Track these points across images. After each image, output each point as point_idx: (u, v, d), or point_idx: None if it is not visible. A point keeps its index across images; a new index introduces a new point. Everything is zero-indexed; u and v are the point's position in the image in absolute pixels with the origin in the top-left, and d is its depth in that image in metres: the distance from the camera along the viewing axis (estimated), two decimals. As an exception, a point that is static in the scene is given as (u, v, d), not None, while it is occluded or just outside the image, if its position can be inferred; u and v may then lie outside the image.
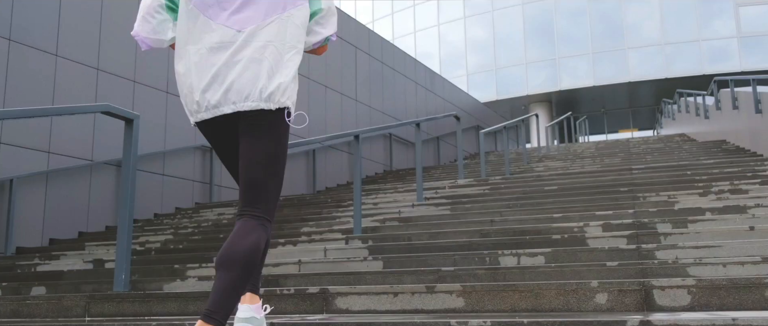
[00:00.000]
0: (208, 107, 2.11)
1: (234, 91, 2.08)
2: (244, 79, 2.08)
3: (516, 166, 12.64)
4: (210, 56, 2.12)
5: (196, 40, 2.15)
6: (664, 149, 12.74)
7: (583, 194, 6.59)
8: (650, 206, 5.66)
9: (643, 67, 27.55)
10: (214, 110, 2.11)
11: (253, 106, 2.08)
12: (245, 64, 2.09)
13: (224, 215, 8.62)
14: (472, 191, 7.74)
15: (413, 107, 17.26)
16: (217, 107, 2.10)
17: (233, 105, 2.08)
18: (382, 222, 6.42)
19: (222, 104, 2.09)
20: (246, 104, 2.07)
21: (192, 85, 2.15)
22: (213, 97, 2.10)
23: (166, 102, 10.08)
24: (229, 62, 2.10)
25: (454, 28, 31.37)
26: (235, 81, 2.08)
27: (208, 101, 2.11)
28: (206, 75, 2.12)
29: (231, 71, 2.09)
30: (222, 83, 2.10)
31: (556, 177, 8.17)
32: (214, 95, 2.10)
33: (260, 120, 2.09)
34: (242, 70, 2.09)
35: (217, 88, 2.10)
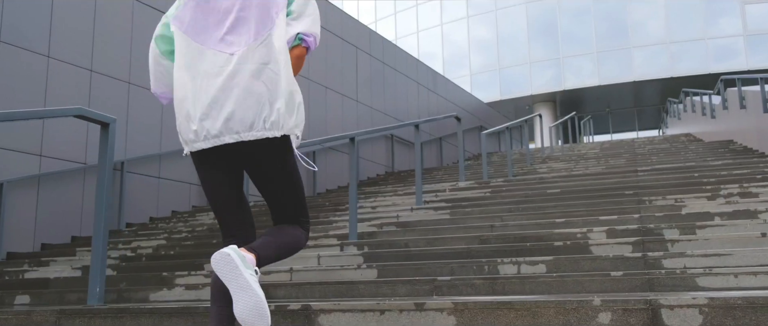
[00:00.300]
0: (208, 136, 2.04)
1: (236, 120, 2.02)
2: (245, 107, 2.02)
3: (519, 167, 12.44)
4: (204, 82, 2.07)
5: (189, 66, 2.11)
6: (670, 150, 12.52)
7: (586, 198, 6.39)
8: (656, 211, 5.46)
9: (648, 67, 27.29)
10: (215, 139, 2.04)
11: (257, 135, 2.03)
12: (243, 90, 2.03)
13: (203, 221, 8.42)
14: (472, 195, 7.54)
15: (415, 108, 17.06)
16: (218, 136, 2.03)
17: (237, 135, 2.02)
18: (379, 227, 6.23)
19: (223, 134, 2.03)
20: (250, 134, 2.02)
21: (189, 113, 2.08)
22: (213, 126, 2.04)
23: (161, 104, 9.90)
24: (225, 88, 2.04)
25: (457, 28, 31.16)
26: (235, 110, 2.02)
27: (207, 131, 2.04)
28: (203, 102, 2.05)
29: (229, 98, 2.03)
30: (220, 111, 2.04)
31: (559, 179, 7.97)
32: (214, 123, 2.03)
33: (267, 148, 2.06)
34: (241, 98, 2.03)
35: (216, 116, 2.04)
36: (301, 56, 2.23)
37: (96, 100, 8.92)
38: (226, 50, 2.08)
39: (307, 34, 2.22)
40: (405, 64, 16.88)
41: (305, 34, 2.21)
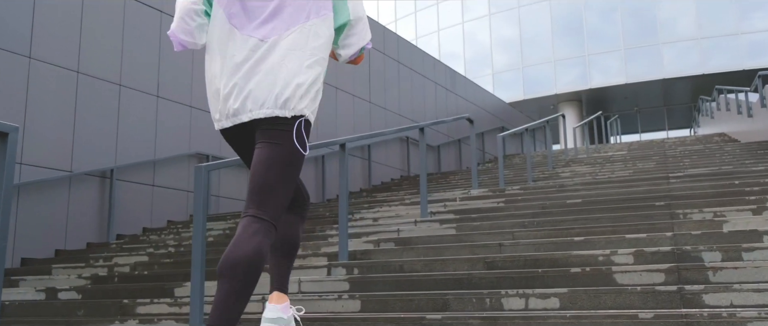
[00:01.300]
0: (228, 115, 2.14)
1: (251, 99, 2.09)
2: (261, 87, 2.09)
3: (540, 171, 11.66)
4: (234, 65, 2.14)
5: (223, 47, 2.17)
6: (704, 152, 11.64)
7: (611, 210, 5.64)
8: (693, 227, 4.69)
9: (678, 64, 26.23)
10: (234, 118, 2.12)
11: (268, 113, 2.07)
12: (265, 73, 2.10)
13: (214, 230, 7.83)
14: (484, 205, 6.82)
15: (432, 109, 16.35)
16: (236, 115, 2.11)
17: (250, 113, 2.09)
18: (376, 244, 5.55)
19: (240, 113, 2.11)
20: (261, 112, 2.07)
21: (217, 91, 2.18)
22: (233, 105, 2.11)
23: (156, 107, 9.34)
24: (250, 72, 2.11)
25: (479, 26, 30.34)
26: (253, 89, 2.10)
27: (228, 109, 2.13)
28: (229, 83, 2.13)
29: (251, 80, 2.10)
30: (241, 91, 2.11)
31: (580, 187, 7.21)
32: (234, 103, 2.11)
33: (275, 127, 2.08)
34: (261, 79, 2.10)
35: (237, 96, 2.11)
36: (360, 61, 2.41)
37: (83, 103, 8.37)
38: (257, 36, 2.14)
39: (368, 44, 2.34)
40: (421, 63, 16.17)
41: (368, 45, 2.35)
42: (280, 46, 2.12)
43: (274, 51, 2.12)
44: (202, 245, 3.66)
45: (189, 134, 9.76)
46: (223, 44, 2.17)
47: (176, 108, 9.63)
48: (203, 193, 3.61)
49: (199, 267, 3.64)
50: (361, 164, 13.23)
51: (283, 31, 2.14)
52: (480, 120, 18.69)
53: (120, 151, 8.74)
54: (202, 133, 9.93)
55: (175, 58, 9.71)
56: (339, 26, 2.25)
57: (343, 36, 2.28)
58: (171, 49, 9.66)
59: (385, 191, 11.61)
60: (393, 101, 14.63)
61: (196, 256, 3.63)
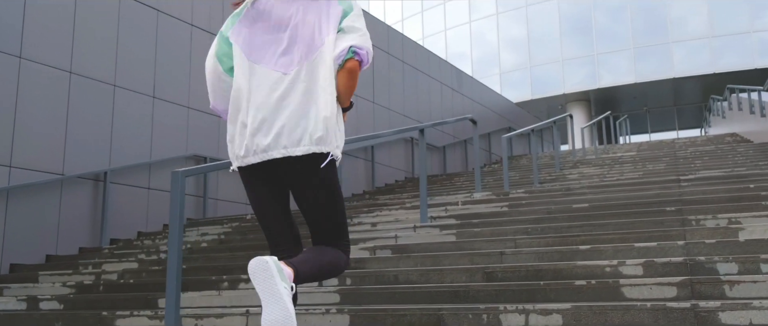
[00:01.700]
0: (257, 150, 2.11)
1: (285, 135, 2.09)
2: (293, 123, 2.09)
3: (546, 173, 11.38)
4: (258, 99, 2.13)
5: (246, 83, 2.17)
6: (715, 153, 11.32)
7: (619, 216, 5.36)
8: (706, 235, 4.41)
9: (689, 62, 25.84)
10: (263, 154, 2.10)
11: (304, 150, 2.07)
12: (294, 108, 2.10)
13: (208, 235, 7.59)
14: (487, 210, 6.56)
15: (438, 109, 16.08)
16: (267, 151, 2.09)
17: (284, 150, 2.08)
18: (372, 252, 5.30)
19: (272, 149, 2.09)
20: (298, 149, 2.07)
21: (244, 125, 2.15)
22: (263, 141, 2.09)
23: (152, 108, 9.12)
24: (278, 106, 2.11)
25: (487, 26, 30.04)
26: (284, 125, 2.09)
27: (257, 145, 2.11)
28: (256, 119, 2.12)
29: (280, 115, 2.10)
30: (271, 127, 2.10)
31: (588, 190, 6.93)
32: (263, 139, 2.09)
33: (312, 163, 2.09)
34: (291, 115, 2.09)
35: (267, 132, 2.10)
36: (353, 70, 2.17)
37: (75, 104, 8.16)
38: (279, 69, 2.15)
39: (360, 47, 2.17)
40: (427, 62, 15.91)
41: (357, 47, 2.17)
42: (304, 78, 2.13)
43: (298, 84, 2.13)
44: (178, 256, 3.42)
45: (186, 135, 9.54)
46: (246, 80, 2.18)
47: (173, 109, 9.41)
48: (179, 200, 3.37)
49: (175, 278, 3.40)
50: (364, 166, 12.98)
51: (304, 61, 2.15)
52: (487, 120, 18.41)
53: (114, 153, 8.52)
54: (199, 134, 9.71)
55: (172, 58, 9.49)
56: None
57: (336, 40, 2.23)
58: (168, 49, 9.44)
59: (388, 193, 11.35)
60: (397, 102, 14.37)
61: (172, 267, 3.38)
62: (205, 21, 10.08)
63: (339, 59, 2.16)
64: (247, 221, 8.41)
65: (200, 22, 10.00)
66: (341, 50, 2.16)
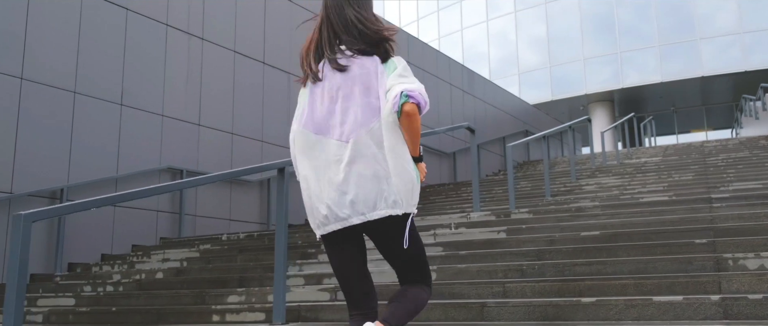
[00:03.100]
0: (337, 219, 2.19)
1: (360, 203, 2.16)
2: (366, 189, 2.16)
3: (561, 183, 10.34)
4: (326, 170, 2.21)
5: (309, 155, 2.26)
6: (751, 159, 10.19)
7: (635, 251, 4.36)
8: (749, 285, 3.40)
9: (718, 60, 24.49)
10: (344, 222, 2.18)
11: (381, 214, 2.16)
12: (362, 174, 2.16)
13: (170, 261, 6.71)
14: (481, 236, 5.58)
15: (447, 113, 15.09)
16: (347, 219, 2.18)
17: (362, 216, 2.17)
18: (333, 294, 4.36)
19: (351, 216, 2.17)
20: (375, 214, 2.16)
21: (317, 199, 2.23)
22: (341, 210, 2.18)
23: (120, 116, 8.28)
24: (346, 174, 2.17)
25: (505, 24, 28.92)
26: (358, 193, 2.16)
27: (336, 215, 2.18)
28: (328, 189, 2.20)
29: (350, 183, 2.17)
30: (345, 196, 2.17)
31: (600, 212, 5.92)
32: (341, 208, 2.17)
33: (390, 224, 2.18)
34: (362, 181, 2.16)
35: (343, 201, 2.17)
36: (412, 113, 2.18)
37: (27, 113, 7.33)
38: (341, 139, 2.21)
39: (411, 91, 2.19)
40: (434, 63, 14.93)
41: (408, 91, 2.18)
42: (366, 143, 2.17)
43: (361, 150, 2.17)
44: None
45: (160, 146, 8.68)
46: (313, 154, 2.24)
47: (145, 117, 8.56)
48: (20, 253, 2.46)
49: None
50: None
51: (363, 127, 2.19)
52: (501, 124, 17.38)
53: (74, 167, 7.70)
54: (175, 145, 8.85)
55: (143, 62, 8.65)
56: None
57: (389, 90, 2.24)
58: (138, 51, 8.60)
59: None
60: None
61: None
62: (182, 21, 9.23)
63: (395, 107, 2.18)
64: (220, 242, 7.54)
65: (177, 21, 9.15)
66: (394, 98, 2.18)
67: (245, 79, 10.06)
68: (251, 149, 9.92)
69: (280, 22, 10.80)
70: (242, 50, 10.07)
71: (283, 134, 10.46)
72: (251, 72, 10.20)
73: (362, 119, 2.20)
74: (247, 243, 7.22)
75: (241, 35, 10.10)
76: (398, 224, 2.17)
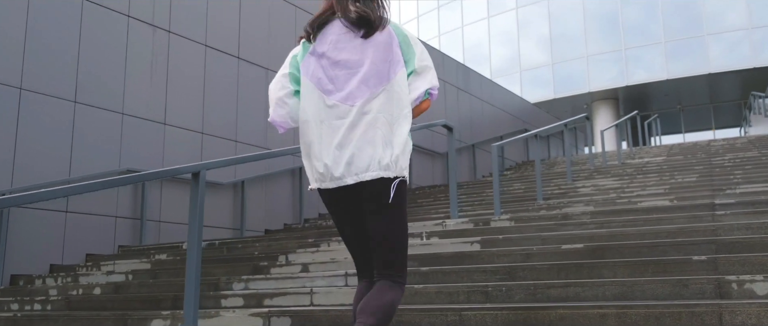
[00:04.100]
0: (333, 178, 2.25)
1: (355, 164, 2.22)
2: (363, 152, 2.22)
3: (556, 185, 9.68)
4: (329, 130, 2.27)
5: (315, 113, 2.31)
6: (760, 160, 9.48)
7: (622, 270, 3.68)
8: (756, 315, 2.73)
9: (727, 57, 23.72)
10: (338, 181, 2.25)
11: (373, 175, 2.21)
12: (362, 138, 2.23)
13: (114, 274, 6.08)
14: (452, 249, 4.92)
15: (440, 111, 14.40)
16: (341, 178, 2.24)
17: (356, 176, 2.23)
18: (266, 320, 3.71)
19: (345, 176, 2.24)
20: (367, 175, 2.21)
21: (316, 156, 2.29)
22: (336, 170, 2.24)
23: (73, 115, 7.66)
24: (347, 136, 2.24)
25: (506, 21, 28.21)
26: (355, 155, 2.23)
27: (331, 174, 2.25)
28: (328, 148, 2.26)
29: (349, 145, 2.23)
30: (342, 156, 2.24)
31: (589, 220, 5.24)
32: (337, 168, 2.24)
33: (381, 187, 2.22)
34: (360, 144, 2.23)
35: (339, 161, 2.24)
36: (426, 108, 2.39)
37: (-35, 113, 6.73)
38: (346, 102, 2.27)
39: (434, 88, 2.36)
40: (427, 59, 14.24)
41: (432, 88, 2.36)
42: (370, 109, 2.24)
43: (365, 115, 2.24)
44: None
45: (119, 147, 8.06)
46: (318, 112, 2.30)
47: (102, 116, 7.94)
48: None
49: None
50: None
51: (369, 93, 2.26)
52: (499, 123, 16.70)
53: (19, 171, 7.08)
54: (137, 146, 8.22)
55: (100, 55, 8.03)
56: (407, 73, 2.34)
57: (409, 80, 2.34)
58: (94, 44, 7.97)
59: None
60: (392, 103, 12.75)
61: None
62: (146, 12, 8.60)
63: (417, 101, 2.32)
64: (178, 252, 6.90)
65: (140, 12, 8.52)
66: (419, 94, 2.32)
67: (217, 75, 9.43)
68: (224, 150, 9.29)
69: (256, 14, 10.17)
70: (214, 44, 9.44)
71: (259, 133, 9.83)
72: (224, 67, 9.56)
73: (371, 84, 2.26)
74: (205, 253, 6.59)
75: (213, 28, 9.47)
76: (389, 187, 2.21)
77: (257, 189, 9.80)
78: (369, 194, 2.22)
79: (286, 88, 2.39)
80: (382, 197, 2.20)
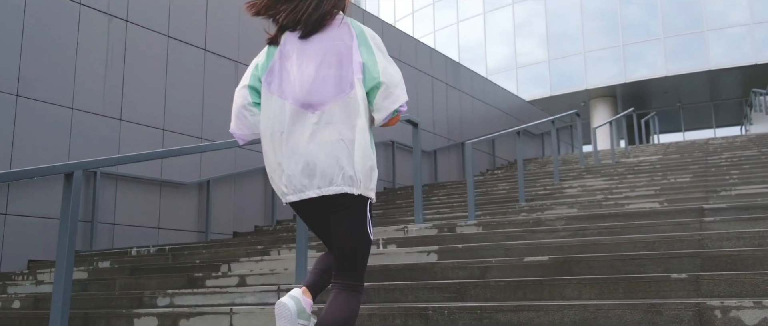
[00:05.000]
0: (295, 190, 2.17)
1: (318, 177, 2.13)
2: (325, 164, 2.12)
3: (541, 185, 9.11)
4: (289, 139, 2.17)
5: (274, 122, 2.21)
6: (759, 159, 8.90)
7: (588, 286, 3.11)
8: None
9: (727, 53, 23.10)
10: (300, 194, 2.16)
11: (337, 190, 2.12)
12: (324, 149, 2.12)
13: (44, 284, 5.51)
14: (406, 260, 4.35)
15: (427, 108, 13.83)
16: (303, 191, 2.15)
17: (318, 190, 2.14)
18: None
19: (307, 189, 2.15)
20: (330, 189, 2.12)
21: (277, 167, 2.21)
22: (298, 182, 2.16)
23: (15, 109, 7.10)
24: (308, 145, 2.14)
25: (502, 16, 27.61)
26: (317, 166, 2.13)
27: (294, 186, 2.17)
28: (289, 159, 2.17)
29: (310, 156, 2.13)
30: (304, 168, 2.15)
31: (563, 226, 4.66)
32: (300, 179, 2.15)
33: (345, 201, 2.14)
34: (323, 156, 2.12)
35: (300, 172, 2.15)
36: (395, 123, 2.23)
37: None
38: (308, 109, 2.16)
39: (403, 105, 2.20)
40: (413, 53, 13.67)
41: (401, 106, 2.19)
42: (332, 118, 2.13)
43: (326, 124, 2.13)
44: None
45: (68, 145, 7.50)
46: (274, 119, 2.21)
47: (49, 111, 7.38)
48: None
49: None
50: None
51: (331, 101, 2.14)
52: (491, 120, 16.13)
53: (-48, 170, 6.53)
54: (89, 143, 7.66)
55: (47, 46, 7.46)
56: (369, 89, 2.17)
57: (377, 99, 2.16)
58: (40, 33, 7.41)
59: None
60: (375, 99, 12.18)
61: None
62: (101, 0, 8.03)
63: (384, 120, 2.17)
64: (125, 259, 6.35)
65: (93, 0, 7.95)
66: (387, 113, 2.15)
67: (181, 68, 8.86)
68: (187, 148, 8.71)
69: (225, 3, 9.59)
70: (178, 35, 8.87)
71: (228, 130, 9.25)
72: (189, 60, 8.99)
73: (333, 91, 2.16)
74: (148, 261, 6.03)
75: (177, 18, 8.90)
76: (353, 204, 2.14)
77: (225, 189, 9.24)
78: (332, 206, 2.15)
79: (247, 99, 2.32)
80: (348, 212, 2.13)
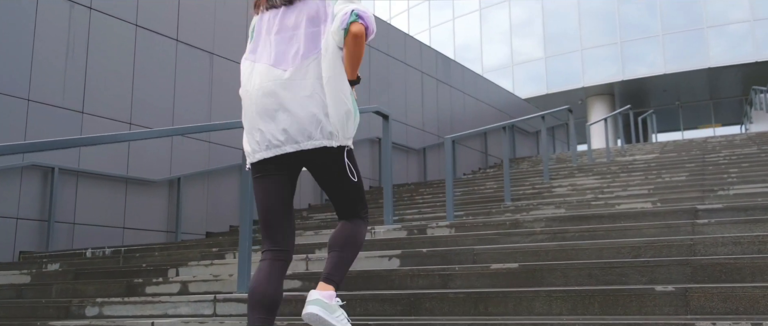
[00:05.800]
0: (270, 146, 2.18)
1: (295, 132, 2.15)
2: (302, 118, 2.14)
3: (530, 184, 8.66)
4: (264, 98, 2.21)
5: (248, 81, 2.28)
6: (758, 157, 8.45)
7: (559, 301, 2.66)
8: None
9: (727, 51, 22.66)
10: (276, 149, 2.17)
11: (316, 144, 2.15)
12: (300, 103, 2.16)
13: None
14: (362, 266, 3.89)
15: (417, 104, 13.38)
16: (280, 146, 2.16)
17: (296, 144, 2.15)
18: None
19: (284, 144, 2.16)
20: (309, 143, 2.15)
21: (251, 124, 2.24)
22: (274, 137, 2.17)
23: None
24: (282, 102, 2.18)
25: (497, 13, 27.15)
26: (294, 121, 2.15)
27: (269, 141, 2.18)
28: (264, 115, 2.20)
29: (286, 111, 2.16)
30: (280, 123, 2.17)
31: (542, 229, 4.20)
32: (275, 135, 2.17)
33: (325, 155, 2.18)
34: (299, 110, 2.15)
35: (276, 127, 2.17)
36: (359, 35, 2.16)
37: None
38: (279, 67, 2.22)
39: (362, 11, 2.18)
40: (402, 47, 13.21)
41: (360, 11, 2.17)
42: (306, 74, 2.18)
43: (299, 80, 2.18)
44: None
45: (23, 138, 7.04)
46: (252, 80, 2.26)
47: (1, 101, 6.93)
48: None
49: None
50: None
51: (302, 58, 2.20)
52: (483, 117, 15.67)
53: None
54: (46, 135, 7.20)
55: (1, 32, 7.01)
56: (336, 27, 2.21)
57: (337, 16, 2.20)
58: (-3, 22, 6.96)
59: (322, 211, 8.78)
60: (363, 94, 11.71)
61: None
62: (62, -14, 7.58)
63: (344, 24, 2.15)
64: (77, 261, 5.89)
65: (54, -13, 7.50)
66: (344, 15, 2.15)
67: (151, 59, 8.40)
68: (157, 144, 8.28)
69: (199, -7, 9.14)
70: (147, 24, 8.41)
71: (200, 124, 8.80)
72: (159, 51, 8.53)
73: (305, 49, 2.20)
74: (96, 264, 5.58)
75: (147, 6, 8.44)
76: (334, 156, 2.16)
77: (198, 187, 8.78)
78: (316, 165, 2.19)
79: None
80: (331, 168, 2.17)
